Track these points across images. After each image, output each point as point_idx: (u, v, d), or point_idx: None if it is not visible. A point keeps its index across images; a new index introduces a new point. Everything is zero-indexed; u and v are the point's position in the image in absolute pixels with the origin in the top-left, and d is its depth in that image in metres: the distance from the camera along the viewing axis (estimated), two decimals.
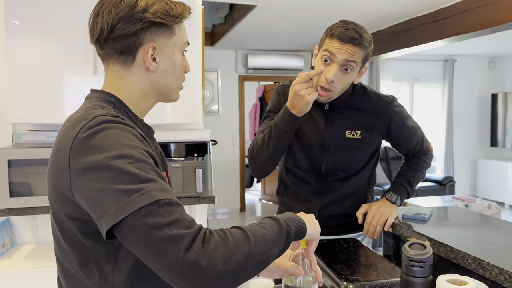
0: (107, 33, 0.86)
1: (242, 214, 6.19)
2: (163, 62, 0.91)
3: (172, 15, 0.88)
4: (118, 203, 0.70)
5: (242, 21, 4.15)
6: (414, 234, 1.29)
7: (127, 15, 0.84)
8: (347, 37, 1.34)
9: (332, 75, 1.37)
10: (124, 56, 0.88)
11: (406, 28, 4.14)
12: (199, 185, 2.18)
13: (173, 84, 0.95)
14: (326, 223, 1.54)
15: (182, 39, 0.94)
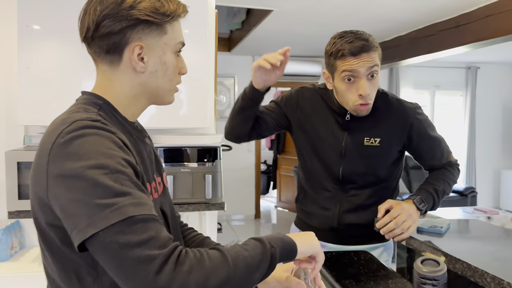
0: (93, 31, 0.82)
1: (257, 221, 6.13)
2: (152, 63, 0.86)
3: (162, 13, 0.84)
4: (90, 217, 0.67)
5: (258, 26, 4.12)
6: (429, 249, 1.21)
7: (113, 12, 0.81)
8: (358, 48, 1.32)
9: (364, 89, 1.35)
10: (111, 55, 0.84)
11: (427, 34, 4.03)
12: (208, 191, 2.14)
13: (165, 86, 0.90)
14: (345, 231, 1.52)
15: (175, 39, 0.89)
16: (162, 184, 0.99)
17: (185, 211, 2.14)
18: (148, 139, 0.98)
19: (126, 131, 0.87)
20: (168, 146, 2.13)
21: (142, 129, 0.95)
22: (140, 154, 0.89)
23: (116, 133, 0.77)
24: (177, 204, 2.13)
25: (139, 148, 0.90)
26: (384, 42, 4.77)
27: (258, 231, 5.73)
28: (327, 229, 1.54)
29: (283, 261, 0.82)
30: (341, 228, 1.52)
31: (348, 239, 1.53)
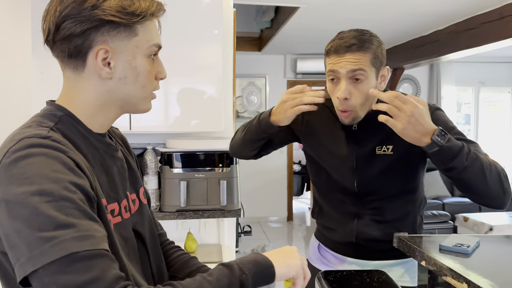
0: (53, 33, 0.75)
1: (289, 224, 6.00)
2: (121, 68, 0.78)
3: (131, 12, 0.75)
4: (30, 251, 0.60)
5: (287, 24, 4.00)
6: (450, 273, 1.05)
7: (74, 12, 0.73)
8: (343, 47, 1.19)
9: (341, 92, 1.21)
10: (74, 59, 0.77)
11: (467, 27, 3.75)
12: (223, 197, 2.05)
13: (137, 93, 0.81)
14: (366, 247, 1.40)
15: (149, 41, 0.80)
16: (138, 201, 0.91)
17: (200, 217, 2.06)
18: (120, 152, 0.89)
19: (90, 145, 0.79)
20: (181, 151, 2.06)
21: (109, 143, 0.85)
22: (108, 171, 0.81)
23: (67, 152, 0.69)
24: (192, 211, 2.06)
25: (107, 164, 0.82)
26: (421, 38, 4.51)
27: (291, 234, 5.61)
28: (347, 244, 1.41)
29: (258, 287, 0.73)
30: (361, 244, 1.39)
31: (369, 254, 1.39)
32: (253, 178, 5.86)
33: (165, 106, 2.08)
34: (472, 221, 4.54)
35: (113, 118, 0.84)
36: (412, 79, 6.13)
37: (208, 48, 2.09)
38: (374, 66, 1.22)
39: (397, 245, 1.34)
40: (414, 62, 4.71)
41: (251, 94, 5.91)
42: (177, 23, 2.06)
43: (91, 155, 0.78)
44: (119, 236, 0.79)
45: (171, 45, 2.06)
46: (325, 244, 1.50)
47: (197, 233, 2.34)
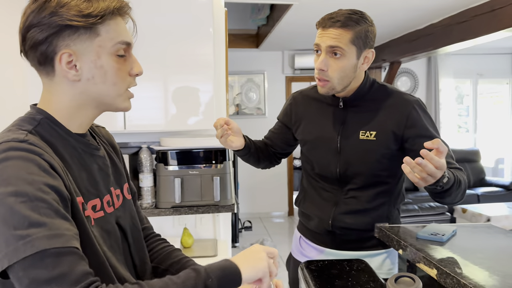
0: (22, 44, 0.80)
1: (290, 218, 6.06)
2: (87, 68, 0.81)
3: (87, 14, 0.77)
4: (6, 247, 0.65)
5: (282, 21, 4.04)
6: (422, 259, 1.11)
7: (35, 21, 0.77)
8: (327, 21, 1.28)
9: (319, 63, 1.31)
10: (44, 66, 0.80)
11: (460, 20, 3.78)
12: (216, 193, 2.11)
13: (108, 91, 0.84)
14: (342, 236, 1.46)
15: (113, 39, 0.82)
16: (122, 197, 0.96)
17: (195, 213, 2.12)
18: (103, 150, 0.94)
19: (69, 145, 0.84)
20: (175, 149, 2.12)
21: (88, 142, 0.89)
22: (88, 169, 0.86)
23: (42, 154, 0.73)
24: (186, 207, 2.11)
25: (86, 163, 0.86)
26: (415, 31, 4.53)
27: (292, 229, 5.66)
28: (323, 233, 1.47)
29: None
30: (336, 232, 1.44)
31: (346, 244, 1.45)
32: (254, 174, 5.91)
33: (158, 105, 2.13)
34: (470, 212, 4.58)
35: (92, 118, 0.88)
36: (410, 73, 6.15)
37: (200, 46, 2.14)
38: (355, 45, 1.29)
39: (378, 235, 1.40)
40: (410, 55, 4.74)
41: (249, 90, 5.96)
42: (169, 22, 2.11)
43: (69, 155, 0.82)
44: (101, 230, 0.84)
45: (163, 44, 2.11)
46: (305, 236, 1.56)
47: (194, 228, 2.41)
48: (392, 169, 1.40)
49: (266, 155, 1.63)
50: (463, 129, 6.55)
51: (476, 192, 5.20)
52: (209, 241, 2.35)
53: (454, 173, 1.22)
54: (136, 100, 2.18)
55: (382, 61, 5.38)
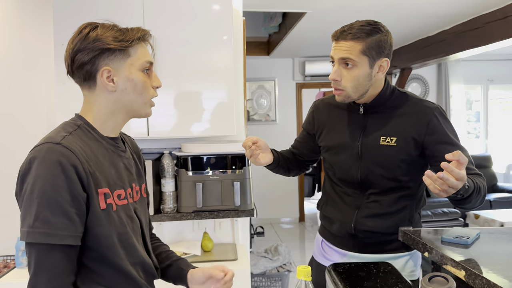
0: (70, 66, 1.02)
1: (301, 224, 6.08)
2: (121, 82, 1.03)
3: (121, 40, 1.01)
4: (22, 226, 0.91)
5: (295, 28, 4.09)
6: (450, 262, 1.14)
7: (81, 47, 1.00)
8: (339, 35, 1.34)
9: (332, 74, 1.38)
10: (88, 82, 1.02)
11: (472, 27, 3.81)
12: (236, 198, 2.15)
13: (137, 100, 1.06)
14: (364, 239, 1.48)
15: (140, 59, 1.05)
16: (140, 193, 1.16)
17: (215, 218, 2.16)
18: (129, 153, 1.15)
19: (102, 146, 1.05)
20: (196, 154, 2.17)
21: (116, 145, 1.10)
22: (116, 166, 1.07)
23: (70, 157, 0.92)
24: (207, 211, 2.16)
25: (114, 161, 1.07)
26: (427, 38, 4.57)
27: (303, 234, 5.68)
28: (346, 236, 1.50)
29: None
30: (359, 235, 1.47)
31: (368, 247, 1.47)
32: (265, 180, 5.95)
33: (179, 112, 2.19)
34: (483, 218, 4.57)
35: (122, 123, 1.09)
36: (421, 79, 6.18)
37: (219, 54, 2.19)
38: (367, 55, 1.33)
39: (402, 238, 1.42)
40: (421, 62, 4.77)
41: (260, 97, 6.01)
42: (189, 32, 2.17)
43: (102, 154, 1.03)
44: (125, 215, 1.05)
45: (183, 52, 2.17)
46: (327, 239, 1.59)
47: (213, 232, 2.45)
48: (413, 174, 1.43)
49: (295, 164, 1.68)
50: (473, 135, 6.55)
51: (488, 198, 5.19)
52: (228, 245, 2.38)
53: (473, 180, 1.24)
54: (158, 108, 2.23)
55: (393, 67, 5.42)
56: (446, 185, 1.08)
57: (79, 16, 2.11)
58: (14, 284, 1.96)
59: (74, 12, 2.10)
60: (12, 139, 2.39)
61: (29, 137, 2.39)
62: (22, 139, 2.39)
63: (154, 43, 2.13)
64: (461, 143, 1.39)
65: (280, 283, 3.24)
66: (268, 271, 3.22)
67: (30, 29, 2.37)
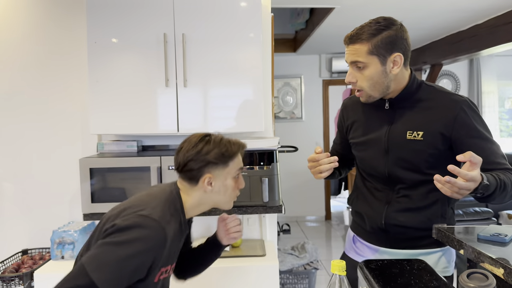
0: (181, 167, 1.29)
1: (327, 223, 6.04)
2: (217, 186, 1.30)
3: (227, 156, 1.28)
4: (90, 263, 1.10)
5: (322, 25, 4.06)
6: (487, 259, 1.11)
7: (194, 157, 1.26)
8: (347, 40, 1.38)
9: (346, 77, 1.43)
10: (191, 180, 1.30)
11: (507, 21, 3.69)
12: (265, 194, 2.15)
13: (223, 200, 1.33)
14: (396, 235, 1.46)
15: (235, 168, 1.31)
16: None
17: (244, 213, 2.17)
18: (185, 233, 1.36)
19: (180, 230, 1.28)
20: None
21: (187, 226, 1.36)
22: (178, 245, 1.32)
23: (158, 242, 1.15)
24: (236, 207, 2.17)
25: (179, 241, 1.31)
26: (458, 33, 4.45)
27: (329, 233, 5.64)
28: (377, 231, 1.50)
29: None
30: (390, 230, 1.46)
31: (400, 243, 1.46)
32: (291, 178, 5.94)
33: (209, 108, 2.21)
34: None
35: (203, 211, 1.34)
36: (451, 75, 6.03)
37: (248, 51, 2.20)
38: (375, 54, 1.34)
39: (436, 236, 1.40)
40: (453, 57, 4.65)
41: (286, 94, 6.00)
42: (218, 29, 2.18)
43: (176, 236, 1.25)
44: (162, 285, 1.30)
45: (212, 49, 2.19)
46: (358, 235, 1.59)
47: None
48: (442, 168, 1.34)
49: (343, 166, 1.68)
50: (505, 133, 6.34)
51: None
52: (256, 241, 2.39)
53: (497, 177, 1.22)
54: (187, 104, 2.26)
55: (423, 63, 5.30)
56: (456, 188, 1.10)
57: (112, 14, 2.15)
58: (50, 275, 2.02)
59: (107, 11, 2.15)
60: (47, 136, 2.47)
61: (63, 135, 2.47)
62: (56, 136, 2.46)
63: (183, 40, 2.15)
64: (491, 137, 1.36)
65: (307, 281, 3.23)
66: (295, 268, 3.21)
67: (64, 28, 2.44)
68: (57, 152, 2.46)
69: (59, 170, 2.46)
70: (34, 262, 2.24)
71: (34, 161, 2.46)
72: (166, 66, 2.16)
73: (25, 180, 2.46)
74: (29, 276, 2.04)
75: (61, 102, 2.46)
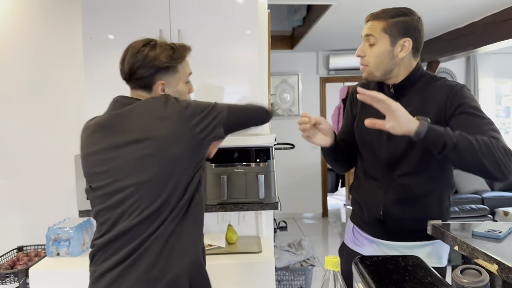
0: (129, 75, 1.27)
1: (324, 220, 6.05)
2: (171, 92, 1.30)
3: (175, 59, 1.28)
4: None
5: (319, 22, 4.06)
6: (481, 255, 1.11)
7: (142, 64, 1.24)
8: (368, 17, 1.47)
9: (357, 50, 1.48)
10: (144, 88, 1.30)
11: (504, 18, 3.69)
12: (261, 190, 2.15)
13: None
14: (394, 225, 1.48)
15: (185, 73, 1.34)
16: None
17: (240, 210, 2.17)
18: None
19: None
20: (221, 147, 2.17)
21: None
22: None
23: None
24: (232, 204, 2.17)
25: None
26: (455, 30, 4.45)
27: (326, 230, 5.65)
28: (375, 222, 1.52)
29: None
30: (388, 221, 1.48)
31: (397, 234, 1.48)
32: (288, 175, 5.94)
33: None
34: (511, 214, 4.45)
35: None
36: (448, 72, 6.04)
37: (244, 48, 2.19)
38: (387, 33, 1.41)
39: (431, 232, 1.40)
40: (450, 55, 4.66)
41: (283, 91, 5.99)
42: (214, 25, 2.17)
43: None
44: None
45: (208, 46, 2.18)
46: (357, 225, 1.61)
47: (237, 225, 2.46)
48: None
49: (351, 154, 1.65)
50: (502, 130, 6.36)
51: None
52: (252, 238, 2.39)
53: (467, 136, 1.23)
54: None
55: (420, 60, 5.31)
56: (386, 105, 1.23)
57: (108, 10, 2.14)
58: (45, 271, 2.01)
59: (102, 6, 2.14)
60: (42, 133, 2.45)
61: (59, 131, 2.46)
62: (51, 133, 2.45)
63: (179, 36, 2.14)
64: (483, 114, 1.34)
65: (303, 277, 3.23)
66: (292, 265, 3.22)
67: (59, 24, 2.43)
68: (52, 149, 2.45)
69: (54, 167, 2.46)
70: (30, 259, 2.24)
71: (29, 158, 2.45)
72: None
73: (20, 177, 2.45)
74: (24, 273, 2.03)
75: (57, 98, 2.45)
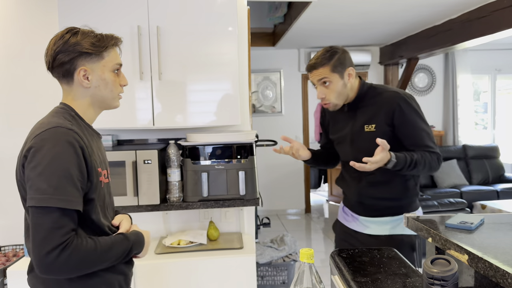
0: (51, 63, 1.21)
1: (307, 216, 6.09)
2: (96, 80, 1.24)
3: (98, 45, 1.21)
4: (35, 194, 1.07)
5: (300, 19, 4.07)
6: (453, 246, 1.14)
7: (63, 49, 1.19)
8: (309, 67, 1.80)
9: (318, 94, 1.81)
10: (66, 78, 1.23)
11: (479, 15, 3.77)
12: (242, 186, 2.16)
13: (108, 95, 1.27)
14: (368, 205, 1.85)
15: (112, 61, 1.26)
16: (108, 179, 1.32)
17: (221, 207, 2.18)
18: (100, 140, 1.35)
19: (88, 133, 1.24)
20: (201, 144, 2.18)
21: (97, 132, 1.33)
22: (99, 149, 1.29)
23: (79, 141, 1.13)
24: (213, 201, 2.17)
25: (97, 145, 1.28)
26: (433, 27, 4.52)
27: (309, 226, 5.70)
28: (355, 204, 1.90)
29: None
30: (364, 202, 1.85)
31: (375, 211, 1.83)
32: (271, 171, 5.96)
33: (184, 103, 2.20)
34: (490, 209, 4.55)
35: (97, 114, 1.30)
36: (427, 69, 6.13)
37: (224, 44, 2.20)
38: (335, 72, 1.75)
39: (407, 225, 1.43)
40: (428, 51, 4.73)
41: (266, 88, 6.01)
42: (194, 22, 2.17)
43: (89, 139, 1.22)
44: (107, 192, 1.29)
45: (188, 43, 2.17)
46: (346, 205, 1.99)
47: (219, 222, 2.47)
48: (393, 149, 1.69)
49: (331, 157, 2.07)
50: (480, 126, 6.50)
51: (495, 189, 5.16)
52: (234, 234, 2.40)
53: (410, 156, 1.65)
54: (163, 98, 2.25)
55: (399, 57, 5.38)
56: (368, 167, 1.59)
57: (85, 7, 2.12)
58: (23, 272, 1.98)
59: (79, 3, 2.11)
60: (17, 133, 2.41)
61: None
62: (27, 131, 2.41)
63: (158, 33, 2.13)
64: (424, 125, 1.74)
65: (286, 273, 3.25)
66: (274, 260, 3.24)
67: (36, 20, 2.39)
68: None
69: None
70: (7, 259, 2.20)
71: (6, 157, 2.41)
72: (141, 59, 2.14)
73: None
74: (2, 273, 2.00)
75: (33, 96, 2.41)
